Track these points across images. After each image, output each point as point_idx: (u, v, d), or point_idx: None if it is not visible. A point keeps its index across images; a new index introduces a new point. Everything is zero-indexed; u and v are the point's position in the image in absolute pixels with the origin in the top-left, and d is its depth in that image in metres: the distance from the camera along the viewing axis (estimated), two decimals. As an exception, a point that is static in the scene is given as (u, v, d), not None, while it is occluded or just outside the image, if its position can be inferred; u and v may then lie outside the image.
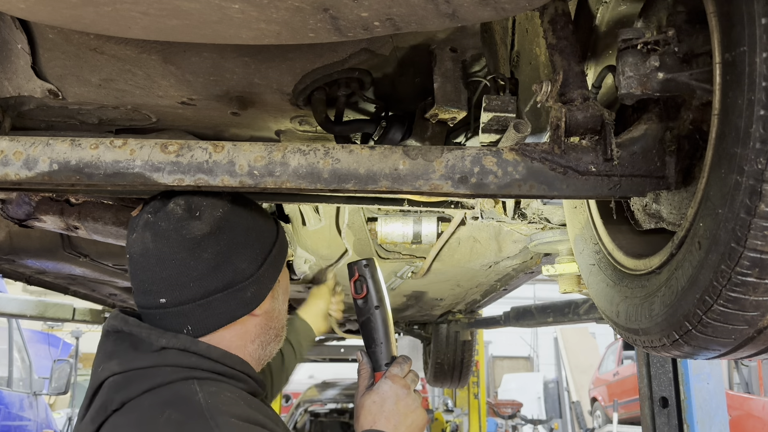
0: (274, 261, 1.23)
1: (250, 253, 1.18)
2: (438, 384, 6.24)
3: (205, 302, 1.13)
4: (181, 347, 1.10)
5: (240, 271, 1.16)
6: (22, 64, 1.36)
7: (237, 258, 1.16)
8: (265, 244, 1.23)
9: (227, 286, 1.14)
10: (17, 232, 2.49)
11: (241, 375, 1.15)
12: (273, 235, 1.26)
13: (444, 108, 1.26)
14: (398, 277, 3.17)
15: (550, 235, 2.17)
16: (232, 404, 1.04)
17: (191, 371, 1.08)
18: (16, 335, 6.46)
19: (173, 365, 1.08)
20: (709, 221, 0.86)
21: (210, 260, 1.13)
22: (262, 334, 1.22)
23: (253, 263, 1.18)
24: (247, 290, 1.17)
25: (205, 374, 1.09)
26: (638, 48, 0.98)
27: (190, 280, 1.13)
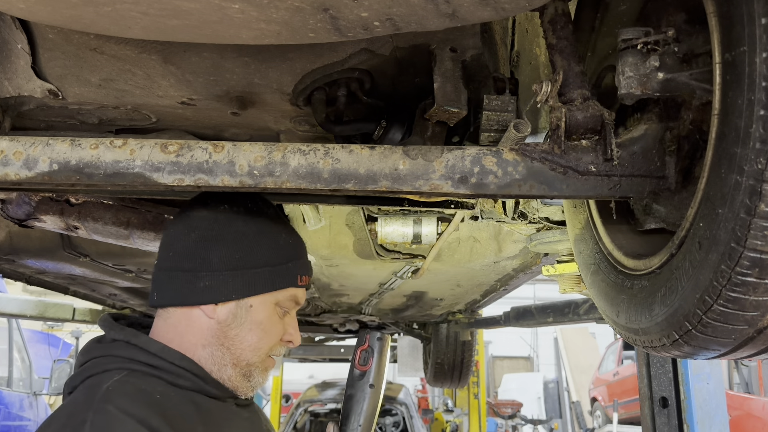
0: (253, 279, 1.21)
1: (229, 253, 1.20)
2: (438, 384, 6.25)
3: (170, 274, 1.21)
4: (125, 339, 1.17)
5: (207, 261, 1.19)
6: (22, 64, 1.36)
7: (213, 249, 1.20)
8: (253, 257, 1.21)
9: (191, 269, 1.20)
10: (17, 232, 2.49)
11: (180, 371, 1.15)
12: (274, 261, 1.23)
13: (444, 108, 1.26)
14: (398, 277, 3.16)
15: (550, 235, 2.17)
16: (131, 397, 1.06)
17: (128, 362, 1.14)
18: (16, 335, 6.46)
19: (115, 356, 1.15)
20: (709, 221, 0.86)
21: (191, 241, 1.21)
22: (214, 345, 1.19)
23: (223, 262, 1.19)
24: (202, 281, 1.19)
25: (141, 366, 1.14)
26: (638, 48, 0.98)
27: (171, 251, 1.23)
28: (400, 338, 7.44)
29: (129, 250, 2.36)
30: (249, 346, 1.22)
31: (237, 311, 1.20)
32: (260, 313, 1.22)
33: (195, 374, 1.17)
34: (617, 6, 1.25)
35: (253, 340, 1.22)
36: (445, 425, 9.58)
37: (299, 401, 7.67)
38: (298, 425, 7.48)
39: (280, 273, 1.24)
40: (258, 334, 1.22)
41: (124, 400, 1.05)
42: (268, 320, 1.23)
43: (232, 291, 1.19)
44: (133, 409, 1.03)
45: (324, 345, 8.25)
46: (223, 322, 1.20)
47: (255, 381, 1.24)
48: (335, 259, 2.81)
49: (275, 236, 1.27)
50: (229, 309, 1.20)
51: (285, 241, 1.28)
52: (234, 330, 1.20)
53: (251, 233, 1.23)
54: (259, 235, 1.24)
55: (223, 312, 1.19)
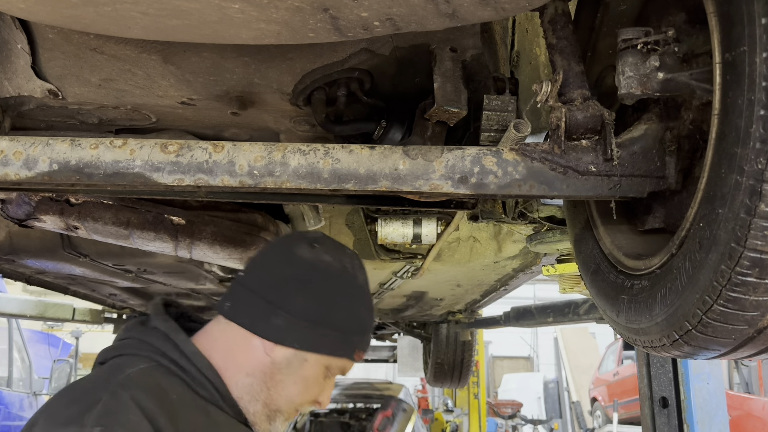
0: (321, 338, 1.21)
1: (311, 304, 1.21)
2: (438, 384, 6.25)
3: (252, 296, 1.22)
4: (165, 331, 1.18)
5: (290, 302, 1.20)
6: (22, 64, 1.36)
7: (300, 294, 1.21)
8: (329, 318, 1.22)
9: (273, 303, 1.20)
10: (17, 232, 2.49)
11: (203, 380, 1.16)
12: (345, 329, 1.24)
13: (444, 108, 1.26)
14: (398, 277, 3.16)
15: (550, 235, 2.17)
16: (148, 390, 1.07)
17: (158, 355, 1.15)
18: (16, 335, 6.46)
19: (150, 344, 1.16)
20: (709, 221, 0.86)
21: (286, 277, 1.22)
22: (257, 379, 1.21)
23: (304, 311, 1.20)
24: (278, 318, 1.20)
25: (169, 363, 1.15)
26: (638, 48, 0.98)
27: (263, 275, 1.23)
28: (400, 338, 7.44)
29: (129, 250, 2.36)
30: (287, 396, 1.23)
31: (292, 359, 1.21)
32: (310, 370, 1.23)
33: (216, 388, 1.17)
34: (617, 6, 1.25)
35: (293, 392, 1.23)
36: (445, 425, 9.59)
37: (299, 401, 7.64)
38: (298, 425, 7.48)
39: (344, 342, 1.25)
40: (300, 388, 1.23)
41: (140, 391, 1.06)
42: (314, 379, 1.25)
43: (298, 340, 1.20)
44: (145, 402, 1.04)
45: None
46: (276, 364, 1.21)
47: (275, 427, 1.25)
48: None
49: (357, 305, 1.28)
50: (287, 354, 1.20)
51: (362, 313, 1.29)
52: (281, 375, 1.21)
53: (339, 294, 1.24)
54: (344, 299, 1.25)
55: (280, 354, 1.20)
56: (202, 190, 1.12)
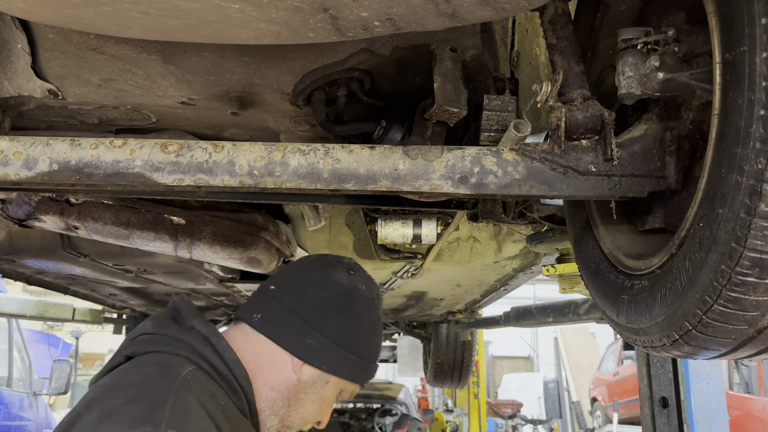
0: (346, 362, 1.25)
1: (345, 331, 1.25)
2: (438, 384, 6.24)
3: (285, 313, 1.24)
4: (204, 333, 1.17)
5: (324, 324, 1.23)
6: (22, 64, 1.36)
7: (335, 318, 1.24)
8: (357, 345, 1.26)
9: (308, 323, 1.23)
10: (17, 232, 2.49)
11: (239, 389, 1.16)
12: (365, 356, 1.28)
13: (444, 108, 1.26)
14: (398, 277, 3.16)
15: (550, 235, 2.17)
16: (207, 394, 1.07)
17: (198, 357, 1.14)
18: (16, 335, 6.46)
19: (189, 345, 1.15)
20: (709, 221, 0.86)
21: (323, 300, 1.25)
22: (282, 395, 1.22)
23: (337, 335, 1.24)
24: (311, 338, 1.22)
25: (208, 367, 1.14)
26: (638, 48, 0.98)
27: (299, 294, 1.26)
28: (400, 338, 7.44)
29: (129, 250, 2.36)
30: (303, 414, 1.26)
31: (317, 380, 1.24)
32: (330, 392, 1.27)
33: (248, 400, 1.18)
34: (617, 6, 1.25)
35: (309, 411, 1.26)
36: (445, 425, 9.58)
37: (299, 401, 7.64)
38: (298, 425, 7.47)
39: (362, 368, 1.29)
40: (316, 408, 1.26)
41: (203, 395, 1.06)
42: (329, 401, 1.28)
43: (327, 362, 1.23)
44: (209, 406, 1.05)
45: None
46: (302, 383, 1.23)
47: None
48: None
49: (378, 336, 1.33)
50: (313, 375, 1.23)
51: (378, 343, 1.34)
52: (304, 394, 1.24)
53: (367, 323, 1.29)
54: (370, 327, 1.30)
55: (307, 374, 1.23)
56: (202, 190, 1.12)
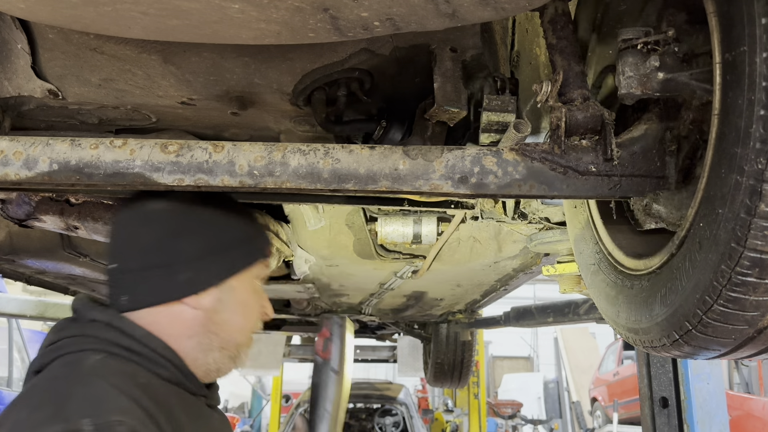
0: (230, 260, 1.19)
1: (200, 240, 1.17)
2: (438, 384, 6.24)
3: (142, 274, 1.15)
4: (106, 321, 1.11)
5: (181, 252, 1.16)
6: (22, 64, 1.36)
7: (184, 240, 1.17)
8: (224, 239, 1.19)
9: (165, 264, 1.15)
10: (17, 232, 2.49)
11: (161, 359, 1.11)
12: (236, 240, 1.22)
13: (444, 108, 1.26)
14: (398, 277, 3.16)
15: (550, 235, 2.17)
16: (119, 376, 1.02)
17: (108, 345, 1.08)
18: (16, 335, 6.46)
19: (94, 336, 1.09)
20: (709, 221, 0.86)
21: (156, 236, 1.16)
22: (201, 334, 1.17)
23: (198, 250, 1.17)
24: (182, 273, 1.15)
25: (121, 351, 1.09)
26: (638, 48, 0.98)
27: (136, 250, 1.16)
28: (400, 338, 7.43)
29: (129, 250, 2.35)
30: (237, 328, 1.20)
31: (221, 296, 1.18)
32: (243, 292, 1.21)
33: (176, 366, 1.13)
34: (617, 6, 1.25)
35: (240, 320, 1.21)
36: (445, 425, 9.58)
37: (299, 401, 7.66)
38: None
39: (250, 247, 1.23)
40: (244, 313, 1.21)
41: (115, 378, 1.01)
42: (251, 297, 1.22)
43: (213, 276, 1.17)
44: (124, 386, 0.99)
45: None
46: (210, 310, 1.17)
47: (241, 362, 1.23)
48: (335, 259, 2.81)
49: (233, 215, 1.25)
50: (213, 295, 1.17)
51: (241, 216, 1.26)
52: (221, 315, 1.18)
53: (213, 216, 1.21)
54: (221, 217, 1.22)
55: (207, 300, 1.16)
56: (203, 190, 1.12)
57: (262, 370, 7.04)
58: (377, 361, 9.40)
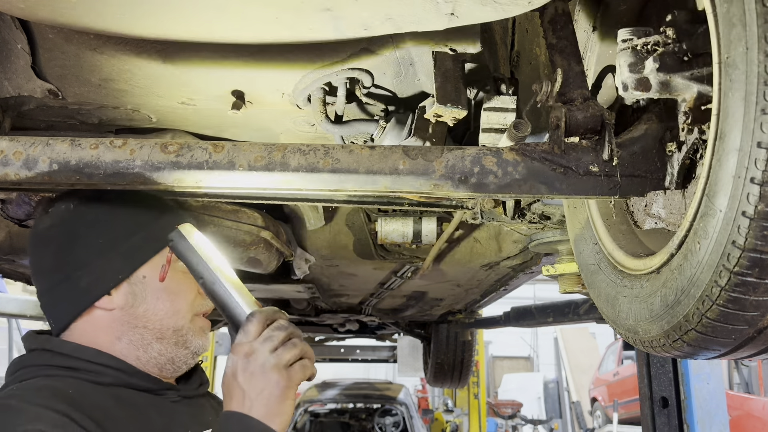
0: (129, 252, 1.17)
1: (90, 243, 1.16)
2: (438, 384, 6.25)
3: (52, 294, 1.17)
4: (39, 347, 1.14)
5: (75, 261, 1.15)
6: (22, 64, 1.36)
7: (76, 248, 1.16)
8: (116, 234, 1.17)
9: (66, 277, 1.15)
10: (17, 232, 2.49)
11: (98, 367, 1.11)
12: (137, 227, 1.19)
13: (444, 108, 1.26)
14: (398, 277, 3.16)
15: (550, 235, 2.17)
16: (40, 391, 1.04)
17: (43, 368, 1.11)
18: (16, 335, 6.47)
19: (30, 365, 1.13)
20: (708, 221, 0.86)
21: (53, 252, 1.17)
22: (128, 332, 1.15)
23: (91, 253, 1.15)
24: (82, 280, 1.14)
25: (57, 371, 1.11)
26: (638, 48, 0.98)
27: (40, 273, 1.18)
28: (400, 338, 7.44)
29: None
30: (166, 314, 1.18)
31: (132, 289, 1.16)
32: (154, 281, 1.18)
33: (115, 368, 1.13)
34: (617, 6, 1.25)
35: (165, 306, 1.18)
36: (445, 425, 9.58)
37: (299, 401, 7.67)
38: (298, 425, 7.49)
39: (152, 234, 1.19)
40: (167, 298, 1.18)
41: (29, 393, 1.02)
42: (171, 281, 1.19)
43: (117, 272, 1.15)
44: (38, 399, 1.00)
45: (324, 345, 8.24)
46: (126, 306, 1.16)
47: (194, 345, 1.20)
48: (335, 259, 2.80)
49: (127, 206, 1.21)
50: (124, 291, 1.16)
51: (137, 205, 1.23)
52: (141, 307, 1.16)
53: (101, 215, 1.19)
54: (111, 211, 1.20)
55: (119, 298, 1.15)
56: (202, 190, 1.12)
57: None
58: (377, 361, 9.41)
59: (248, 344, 1.01)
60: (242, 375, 0.99)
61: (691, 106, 1.05)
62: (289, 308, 4.42)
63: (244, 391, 0.99)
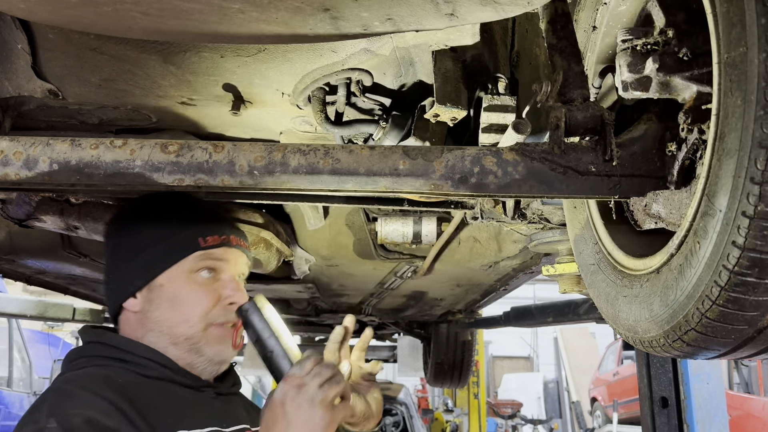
0: (149, 260, 1.26)
1: (121, 249, 1.30)
2: (438, 384, 6.25)
3: (105, 289, 1.33)
4: (96, 339, 1.26)
5: (112, 265, 1.32)
6: (22, 64, 1.36)
7: (113, 256, 1.32)
8: (139, 242, 1.28)
9: (108, 279, 1.32)
10: (17, 232, 2.49)
11: (146, 361, 1.21)
12: (159, 237, 1.28)
13: (444, 108, 1.26)
14: (398, 277, 3.16)
15: (550, 235, 2.17)
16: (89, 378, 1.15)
17: (97, 359, 1.22)
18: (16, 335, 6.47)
19: (88, 355, 1.24)
20: (708, 221, 0.86)
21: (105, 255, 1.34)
22: (147, 333, 1.25)
23: (120, 258, 1.30)
24: (114, 283, 1.29)
25: (110, 361, 1.21)
26: (638, 48, 0.98)
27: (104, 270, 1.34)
28: (400, 338, 7.44)
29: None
30: (177, 322, 1.24)
31: (150, 295, 1.25)
32: (174, 287, 1.25)
33: (162, 364, 1.22)
34: (617, 6, 1.25)
35: (177, 315, 1.24)
36: (445, 425, 9.59)
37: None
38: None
39: (174, 244, 1.27)
40: (179, 307, 1.24)
41: (85, 380, 1.13)
42: (186, 291, 1.25)
43: (135, 279, 1.26)
44: (92, 386, 1.10)
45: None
46: (143, 311, 1.25)
47: (209, 354, 1.25)
48: (335, 259, 2.81)
49: (161, 213, 1.31)
50: (143, 296, 1.25)
51: (175, 213, 1.31)
52: (155, 313, 1.25)
53: (135, 222, 1.32)
54: (141, 220, 1.31)
55: (137, 302, 1.26)
56: (203, 190, 1.12)
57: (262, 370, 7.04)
58: (377, 361, 9.39)
59: (300, 378, 1.09)
60: (290, 404, 1.06)
61: (690, 106, 1.05)
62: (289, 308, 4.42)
63: (290, 420, 1.05)
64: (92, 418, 1.04)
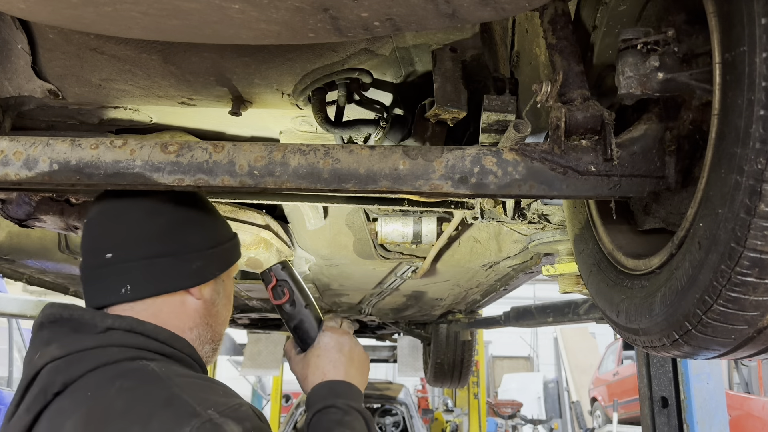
0: (225, 254, 1.24)
1: (204, 232, 1.21)
2: (438, 384, 6.24)
3: (149, 262, 1.12)
4: (127, 327, 1.06)
5: (190, 243, 1.17)
6: (22, 64, 1.36)
7: (190, 231, 1.18)
8: (219, 234, 1.24)
9: (174, 253, 1.14)
10: (17, 232, 2.49)
11: (188, 359, 1.12)
12: (228, 236, 1.27)
13: (444, 108, 1.26)
14: (398, 277, 3.16)
15: (550, 235, 2.17)
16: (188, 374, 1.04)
17: (139, 351, 1.05)
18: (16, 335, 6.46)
19: (120, 345, 1.04)
20: (709, 221, 0.86)
21: (163, 225, 1.15)
22: (201, 325, 1.17)
23: (204, 241, 1.19)
24: (193, 263, 1.16)
25: (153, 355, 1.06)
26: (638, 48, 0.98)
27: (140, 239, 1.13)
28: (400, 338, 7.44)
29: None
30: (224, 321, 1.25)
31: (217, 288, 1.22)
32: (229, 286, 1.27)
33: (198, 364, 1.15)
34: (617, 6, 1.25)
35: (226, 313, 1.26)
36: (445, 425, 9.59)
37: (299, 401, 7.67)
38: (298, 425, 7.48)
39: (235, 245, 1.30)
40: (229, 307, 1.27)
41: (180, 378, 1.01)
42: (232, 291, 1.29)
43: (216, 269, 1.21)
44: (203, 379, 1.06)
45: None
46: (209, 301, 1.20)
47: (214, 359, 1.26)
48: (335, 259, 2.81)
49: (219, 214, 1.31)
50: (212, 287, 1.21)
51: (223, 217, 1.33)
52: (216, 307, 1.22)
53: (208, 212, 1.25)
54: (214, 213, 1.28)
55: (207, 291, 1.19)
56: (203, 190, 1.12)
57: (262, 370, 7.04)
58: (377, 361, 9.40)
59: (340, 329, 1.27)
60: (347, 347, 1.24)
61: (690, 106, 1.05)
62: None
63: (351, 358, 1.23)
64: None
